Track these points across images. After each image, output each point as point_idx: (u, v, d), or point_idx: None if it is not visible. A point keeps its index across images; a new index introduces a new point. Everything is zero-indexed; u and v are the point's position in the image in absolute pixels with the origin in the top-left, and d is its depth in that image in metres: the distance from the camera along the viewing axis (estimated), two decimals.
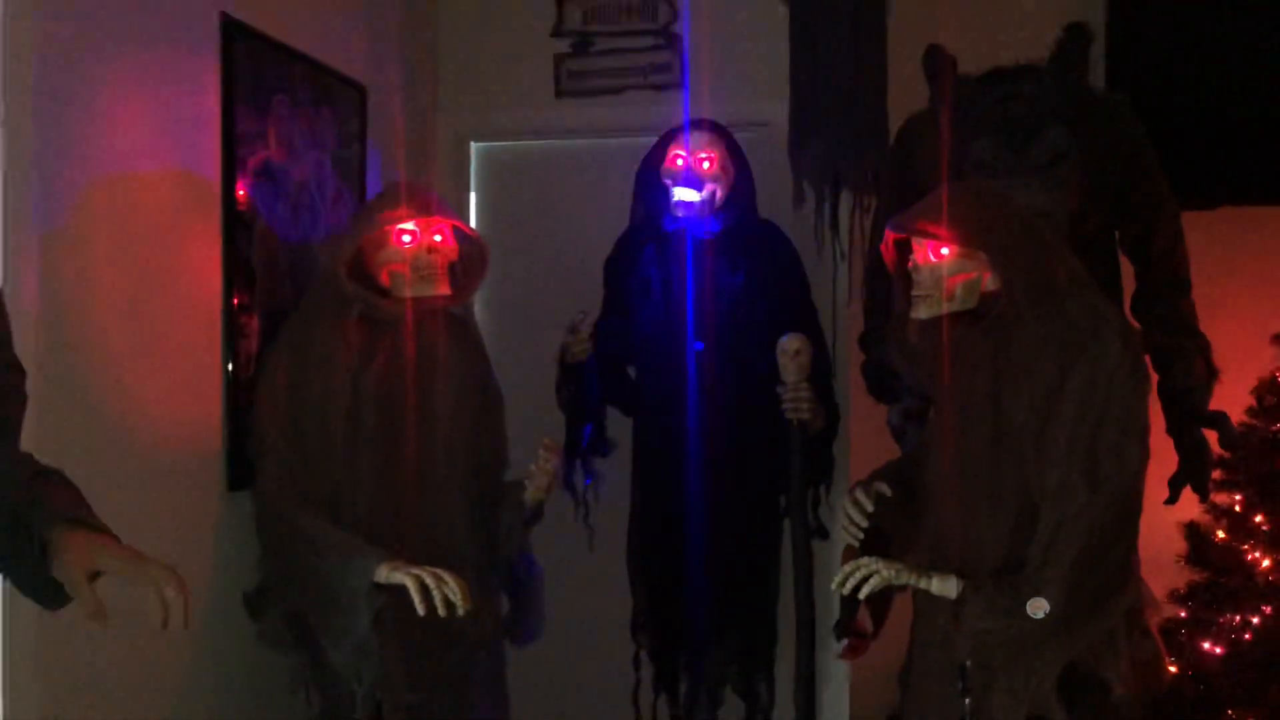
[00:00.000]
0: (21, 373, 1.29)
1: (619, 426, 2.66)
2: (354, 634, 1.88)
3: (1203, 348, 2.29)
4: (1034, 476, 1.81)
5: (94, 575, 1.21)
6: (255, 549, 2.03)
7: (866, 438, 2.72)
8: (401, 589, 1.86)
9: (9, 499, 1.19)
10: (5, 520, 1.18)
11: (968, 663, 1.77)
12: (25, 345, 1.32)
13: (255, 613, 2.03)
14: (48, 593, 1.21)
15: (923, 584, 1.78)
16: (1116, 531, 1.74)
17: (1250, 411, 2.57)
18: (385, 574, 1.86)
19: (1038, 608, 1.70)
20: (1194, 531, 2.59)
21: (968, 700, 1.76)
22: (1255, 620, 2.44)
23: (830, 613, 2.54)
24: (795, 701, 2.37)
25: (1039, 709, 1.74)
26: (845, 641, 2.49)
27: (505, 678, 2.23)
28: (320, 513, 1.97)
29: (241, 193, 2.04)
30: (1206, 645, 2.50)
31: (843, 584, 1.81)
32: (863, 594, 1.78)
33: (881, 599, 2.28)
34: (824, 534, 2.56)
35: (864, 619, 2.48)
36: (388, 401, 2.08)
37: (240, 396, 2.05)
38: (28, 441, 1.29)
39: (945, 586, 1.76)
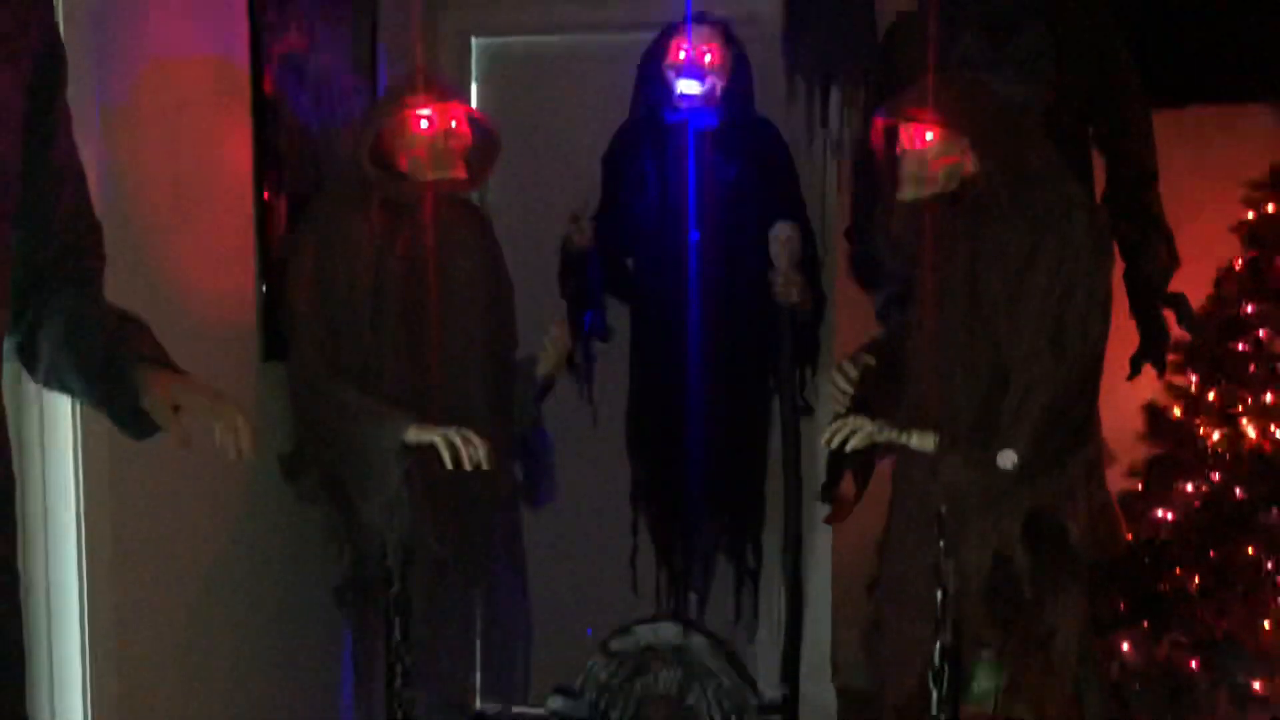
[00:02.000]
0: (99, 231, 1.43)
1: (618, 314, 2.82)
2: (385, 491, 2.06)
3: (1166, 237, 2.46)
4: (1005, 346, 1.99)
5: (176, 409, 1.36)
6: (289, 416, 2.19)
7: (850, 324, 2.89)
8: (428, 453, 2.04)
9: (102, 340, 1.33)
10: (100, 359, 1.33)
11: (943, 510, 1.96)
12: None
13: (291, 474, 2.20)
14: (138, 424, 1.36)
15: (903, 439, 1.96)
16: (1078, 393, 1.93)
17: (1209, 299, 2.76)
18: (414, 434, 2.03)
19: (1006, 460, 1.89)
20: (1153, 411, 2.80)
21: (942, 543, 1.95)
22: (1204, 489, 2.66)
23: (815, 484, 2.75)
24: (783, 564, 2.58)
25: (1005, 550, 1.95)
26: (830, 507, 2.72)
27: (521, 536, 2.42)
28: (350, 383, 2.13)
29: (268, 81, 2.16)
30: (1160, 514, 2.72)
31: (831, 440, 1.99)
32: (850, 446, 1.96)
33: (864, 465, 2.49)
34: (809, 411, 2.75)
35: (847, 485, 2.69)
36: (409, 284, 2.22)
37: (271, 274, 2.19)
38: None
39: (924, 441, 1.95)
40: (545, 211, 2.77)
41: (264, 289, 2.19)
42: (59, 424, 1.59)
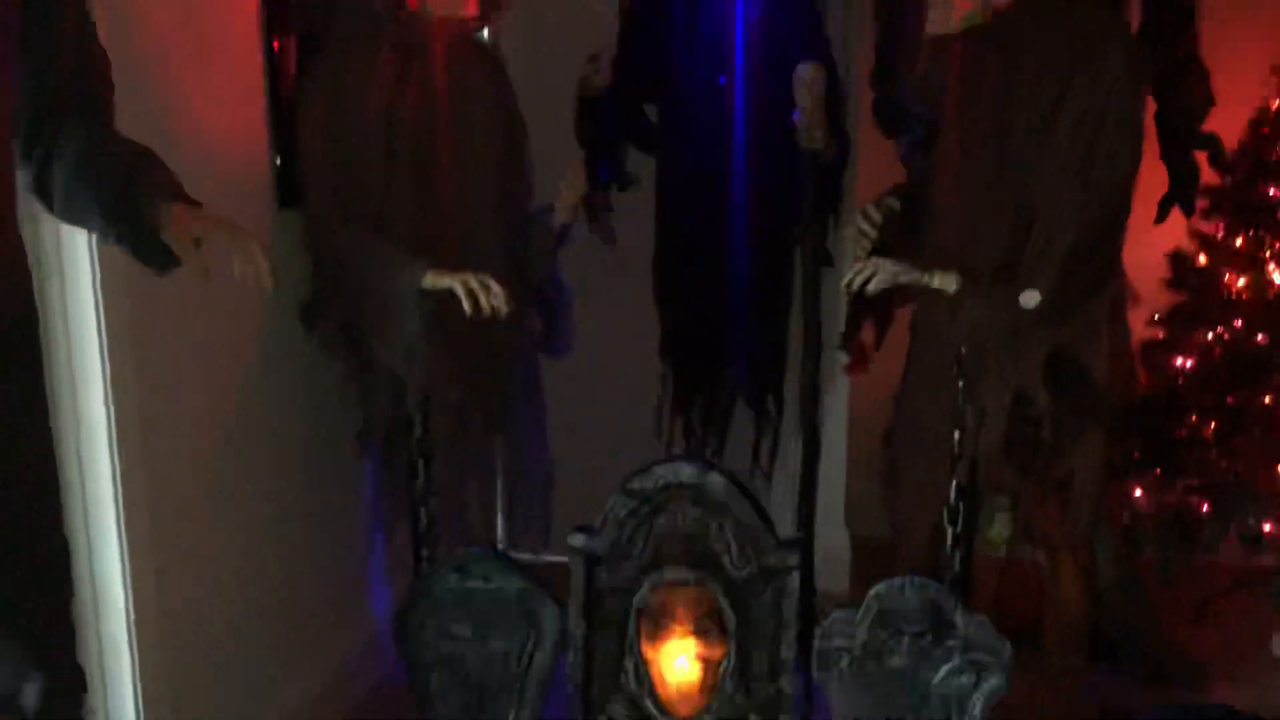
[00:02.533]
0: (107, 61, 1.39)
1: (639, 164, 2.78)
2: (403, 337, 2.06)
3: (1202, 75, 2.38)
4: (1033, 182, 1.95)
5: (196, 242, 1.36)
6: (306, 263, 2.18)
7: (872, 174, 2.83)
8: (446, 300, 2.03)
9: (117, 172, 1.32)
10: (116, 190, 1.31)
11: (963, 351, 1.95)
12: None
13: (310, 322, 2.20)
14: (157, 256, 1.35)
15: (925, 279, 1.95)
16: (1105, 229, 1.90)
17: (1241, 143, 2.69)
18: (431, 280, 2.03)
19: (1029, 299, 1.88)
20: (1177, 258, 2.76)
21: (961, 385, 1.95)
22: (1225, 335, 2.64)
23: (835, 335, 2.75)
24: (800, 411, 2.59)
25: (1025, 390, 1.95)
26: (848, 359, 2.73)
27: (541, 386, 2.44)
28: (365, 230, 2.11)
29: None
30: (1179, 361, 2.72)
31: (853, 282, 1.97)
32: (872, 287, 1.94)
33: (883, 313, 2.48)
34: (830, 261, 2.72)
35: (866, 336, 2.69)
36: (421, 128, 2.18)
37: (283, 119, 2.14)
38: None
39: (946, 281, 1.93)
40: (562, 54, 2.69)
41: (277, 134, 2.14)
42: (78, 258, 1.59)
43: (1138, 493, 2.74)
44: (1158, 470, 2.72)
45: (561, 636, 2.08)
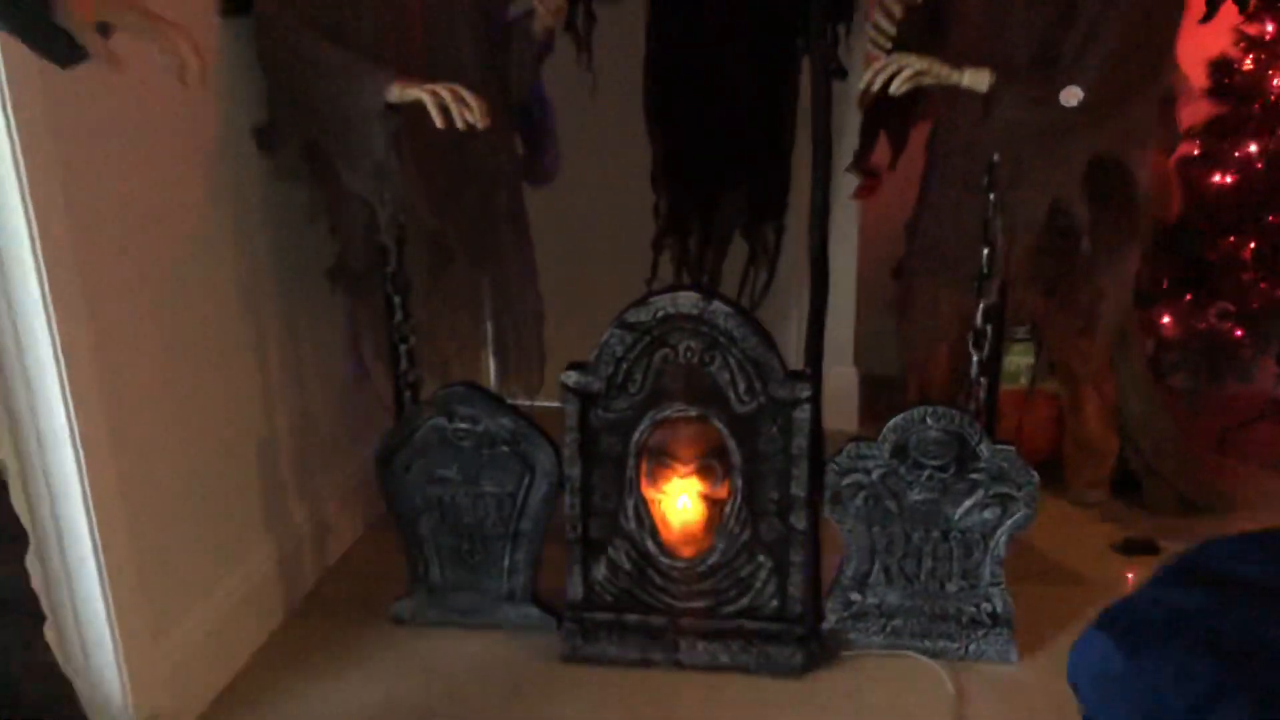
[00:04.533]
0: None
1: None
2: (371, 157, 1.85)
3: None
4: None
5: (106, 30, 1.15)
6: (259, 80, 1.95)
7: None
8: (418, 115, 1.82)
9: None
10: None
11: (995, 159, 1.76)
12: None
13: (268, 146, 1.99)
14: (58, 46, 1.15)
15: (954, 78, 1.73)
16: (1159, 18, 1.68)
17: None
18: (398, 92, 1.81)
19: (1071, 96, 1.67)
20: (1220, 65, 2.52)
21: (992, 197, 1.76)
22: (1269, 147, 2.44)
23: (844, 158, 2.55)
24: (809, 238, 2.40)
25: (1063, 201, 1.76)
26: (860, 182, 2.53)
27: (526, 216, 2.24)
28: (324, 38, 1.88)
29: None
30: (1217, 178, 2.52)
31: (872, 83, 1.75)
32: (895, 88, 1.73)
33: (901, 127, 2.26)
34: (842, 74, 2.49)
35: (880, 157, 2.49)
36: None
37: None
38: None
39: (978, 79, 1.72)
40: None
41: None
42: None
43: (1165, 320, 2.58)
44: (1188, 296, 2.55)
45: (557, 478, 1.97)
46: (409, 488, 2.01)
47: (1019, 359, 2.54)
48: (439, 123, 1.78)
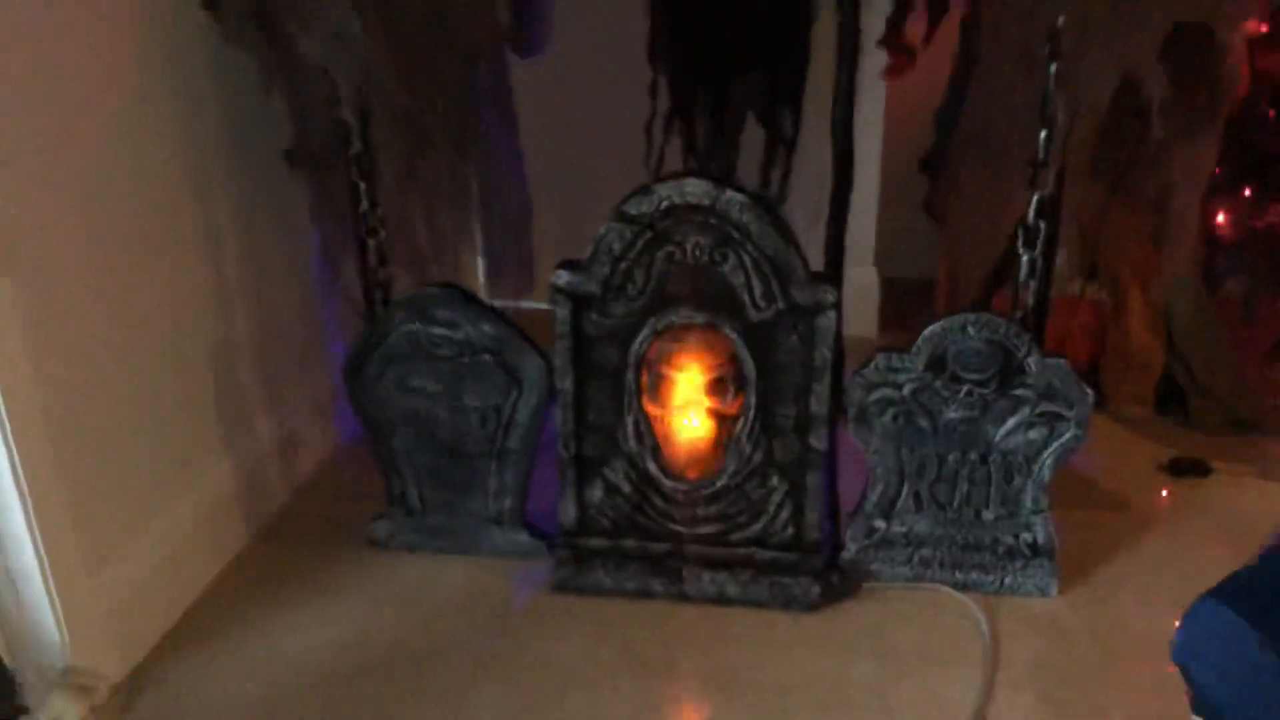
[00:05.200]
0: None
1: None
2: (329, 18, 1.60)
3: None
4: None
5: None
6: None
7: None
8: None
9: None
10: None
11: (1059, 21, 1.49)
12: None
13: (211, 4, 1.72)
14: None
15: None
16: None
17: None
18: None
19: None
20: None
21: (1053, 68, 1.50)
22: None
23: (872, 31, 2.27)
24: (833, 123, 2.14)
25: (1136, 73, 1.51)
26: (889, 60, 2.26)
27: (511, 93, 1.99)
28: None
29: None
30: None
31: None
32: None
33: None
34: None
35: (914, 30, 2.21)
36: None
37: None
38: None
39: None
40: None
41: None
42: None
43: (1220, 218, 2.33)
44: (1246, 191, 2.30)
45: (548, 391, 1.76)
46: (380, 399, 1.80)
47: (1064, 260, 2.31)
48: None
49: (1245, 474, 2.05)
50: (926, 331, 1.60)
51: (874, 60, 2.35)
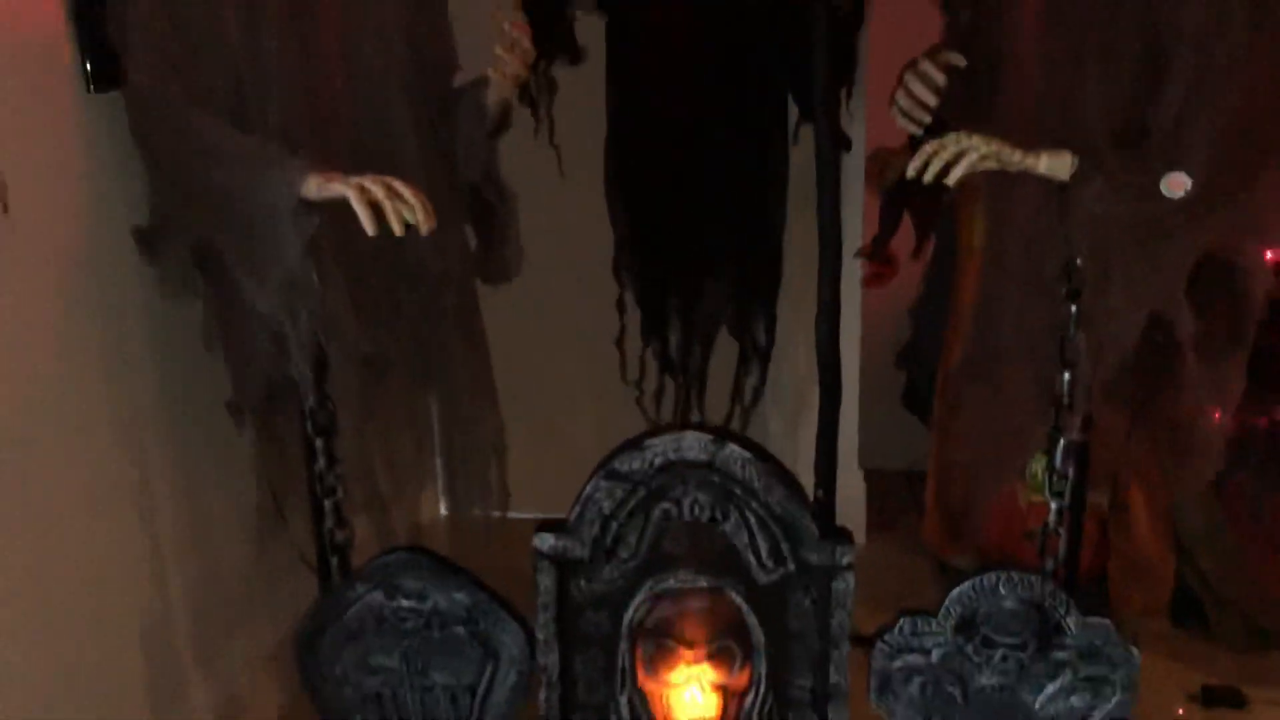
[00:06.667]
0: None
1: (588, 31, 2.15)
2: (281, 267, 1.44)
3: None
4: (1166, 13, 1.37)
5: None
6: (139, 169, 1.54)
7: (885, 34, 2.24)
8: (340, 208, 1.41)
9: None
10: None
11: (1078, 262, 1.40)
12: None
13: (152, 251, 1.58)
14: None
15: (1029, 164, 1.37)
16: None
17: None
18: (316, 187, 1.40)
19: (1177, 186, 1.32)
20: None
21: (1074, 306, 1.40)
22: None
23: (847, 238, 2.20)
24: (817, 335, 2.03)
25: (1166, 311, 1.41)
26: (868, 268, 2.19)
27: (480, 320, 1.84)
28: (218, 115, 1.48)
29: None
30: None
31: (925, 169, 1.38)
32: (954, 178, 1.36)
33: (929, 209, 1.92)
34: (847, 145, 2.14)
35: (898, 243, 2.15)
36: None
37: None
38: None
39: (1057, 164, 1.36)
40: None
41: None
42: None
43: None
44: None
45: (528, 665, 1.56)
46: (337, 680, 1.58)
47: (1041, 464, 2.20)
48: (369, 228, 1.37)
49: None
50: (955, 592, 1.45)
51: (853, 264, 2.28)
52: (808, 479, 2.10)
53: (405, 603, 1.54)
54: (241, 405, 1.64)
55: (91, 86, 1.51)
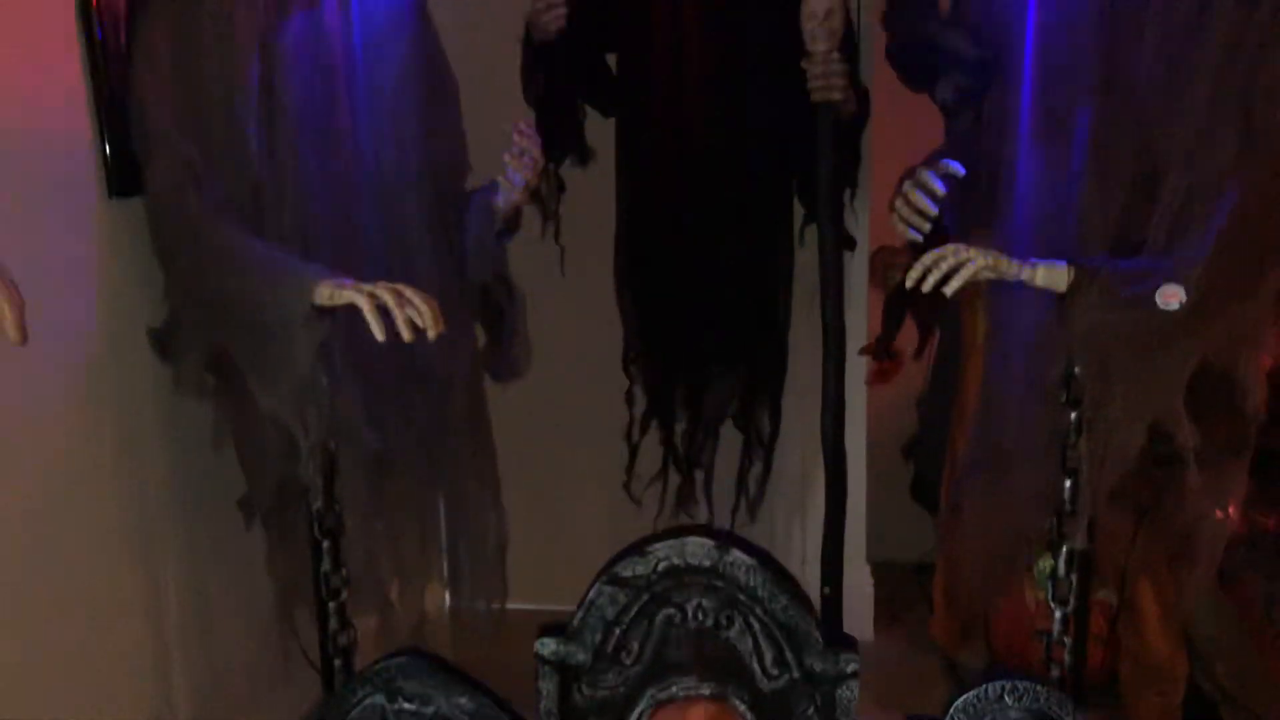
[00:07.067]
0: None
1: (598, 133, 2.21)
2: (293, 372, 1.47)
3: None
4: (1159, 135, 1.41)
5: None
6: (156, 272, 1.58)
7: (888, 134, 2.29)
8: (350, 314, 1.45)
9: None
10: None
11: (1076, 371, 1.41)
12: None
13: (167, 354, 1.61)
14: None
15: (1025, 275, 1.40)
16: (1275, 195, 1.37)
17: None
18: (328, 294, 1.44)
19: (1171, 297, 1.34)
20: None
21: (1074, 415, 1.41)
22: None
23: (856, 334, 2.23)
24: (823, 432, 2.04)
25: (1165, 422, 1.42)
26: (873, 367, 2.21)
27: (488, 419, 1.86)
28: (234, 223, 1.52)
29: None
30: None
31: (924, 278, 1.41)
32: (952, 288, 1.39)
33: (931, 310, 1.95)
34: (850, 244, 2.18)
35: (903, 339, 2.17)
36: (308, 79, 1.59)
37: (112, 71, 1.53)
38: None
39: (1053, 276, 1.39)
40: None
41: (100, 92, 1.53)
42: None
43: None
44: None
45: None
46: None
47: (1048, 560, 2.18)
48: (378, 334, 1.40)
49: None
50: (959, 701, 1.43)
51: (859, 361, 2.30)
52: (814, 570, 2.12)
53: (407, 706, 1.52)
54: (253, 504, 1.65)
55: (113, 193, 1.55)
